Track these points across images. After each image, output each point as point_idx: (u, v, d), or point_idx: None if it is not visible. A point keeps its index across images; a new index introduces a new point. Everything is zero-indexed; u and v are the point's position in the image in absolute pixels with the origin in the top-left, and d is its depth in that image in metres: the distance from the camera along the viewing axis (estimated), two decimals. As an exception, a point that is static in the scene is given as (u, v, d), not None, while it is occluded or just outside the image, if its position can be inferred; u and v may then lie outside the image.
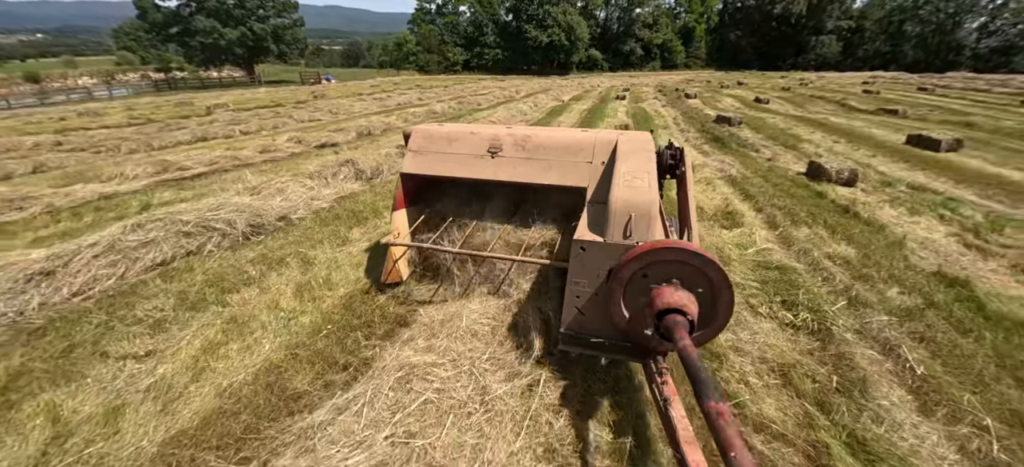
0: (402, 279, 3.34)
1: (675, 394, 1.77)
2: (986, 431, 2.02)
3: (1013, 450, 1.97)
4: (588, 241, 2.08)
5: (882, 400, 2.21)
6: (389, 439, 1.76)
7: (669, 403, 1.71)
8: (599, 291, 2.08)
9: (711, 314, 1.80)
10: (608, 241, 2.05)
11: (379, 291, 3.34)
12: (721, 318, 1.81)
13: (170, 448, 1.99)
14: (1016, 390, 2.32)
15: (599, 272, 2.06)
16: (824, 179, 6.51)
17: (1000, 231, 4.55)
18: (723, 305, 1.78)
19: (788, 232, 4.49)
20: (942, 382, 2.36)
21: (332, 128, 12.23)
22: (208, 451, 1.95)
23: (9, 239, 4.70)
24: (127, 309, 3.08)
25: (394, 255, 3.25)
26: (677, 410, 1.68)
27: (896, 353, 2.57)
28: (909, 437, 2.01)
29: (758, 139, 10.20)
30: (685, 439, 1.54)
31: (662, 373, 1.89)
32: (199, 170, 7.40)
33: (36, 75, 56.96)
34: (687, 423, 1.63)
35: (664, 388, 1.81)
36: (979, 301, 3.13)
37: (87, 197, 5.90)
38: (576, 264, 2.11)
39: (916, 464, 1.87)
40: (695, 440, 1.55)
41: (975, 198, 5.88)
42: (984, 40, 71.00)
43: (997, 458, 1.91)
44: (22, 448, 1.99)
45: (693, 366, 1.39)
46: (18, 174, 8.27)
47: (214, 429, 2.08)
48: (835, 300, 3.14)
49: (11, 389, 2.35)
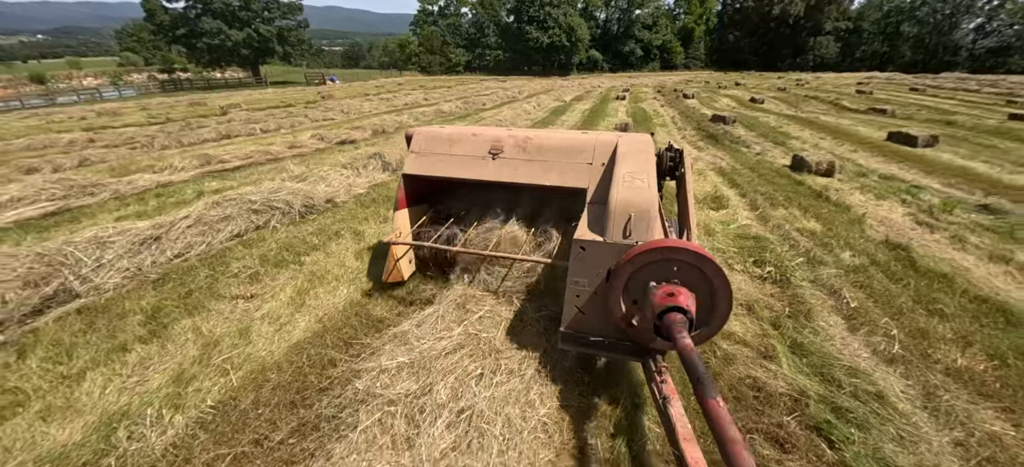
0: (403, 279, 3.38)
1: (674, 392, 1.79)
2: (893, 340, 2.75)
3: (909, 348, 2.70)
4: (588, 241, 2.12)
5: (820, 323, 2.94)
6: (462, 332, 2.50)
7: (668, 401, 1.73)
8: (599, 290, 2.11)
9: (710, 312, 1.85)
10: (608, 241, 2.08)
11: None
12: (720, 316, 1.85)
13: (295, 351, 2.72)
14: (924, 316, 3.04)
15: (599, 271, 2.09)
16: (805, 170, 7.23)
17: (950, 211, 5.27)
18: (722, 303, 1.81)
19: (766, 212, 5.23)
20: (870, 313, 3.09)
21: (348, 126, 12.96)
22: (326, 349, 2.69)
23: (91, 219, 5.42)
24: (223, 266, 3.81)
25: (395, 255, 3.28)
26: (676, 408, 1.70)
27: (838, 294, 3.29)
28: (836, 344, 2.74)
29: (750, 136, 10.94)
30: (684, 437, 1.55)
31: (661, 372, 1.91)
32: (237, 163, 8.14)
33: (42, 76, 57.69)
34: (686, 421, 1.65)
35: (663, 386, 1.83)
36: (914, 261, 3.86)
37: (147, 185, 6.63)
38: (576, 264, 2.15)
39: (837, 357, 2.60)
40: (694, 438, 1.57)
41: (937, 186, 6.60)
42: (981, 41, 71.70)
43: (896, 354, 2.63)
44: (186, 351, 2.72)
45: (693, 364, 1.42)
46: (66, 167, 8.98)
47: (324, 338, 2.81)
48: (797, 260, 3.86)
49: (157, 317, 3.08)
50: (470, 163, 3.13)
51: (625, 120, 14.09)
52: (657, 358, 2.00)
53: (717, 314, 1.84)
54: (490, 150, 3.12)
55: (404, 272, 3.38)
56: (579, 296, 2.16)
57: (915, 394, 2.35)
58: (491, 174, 3.06)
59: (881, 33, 76.12)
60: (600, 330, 2.17)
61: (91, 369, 2.57)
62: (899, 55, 73.34)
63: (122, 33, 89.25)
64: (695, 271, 1.79)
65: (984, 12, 71.71)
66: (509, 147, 3.11)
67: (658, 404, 1.81)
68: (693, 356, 1.46)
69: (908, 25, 73.80)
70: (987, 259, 3.94)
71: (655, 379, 1.89)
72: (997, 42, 70.13)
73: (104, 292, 3.35)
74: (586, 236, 2.15)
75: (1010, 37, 69.18)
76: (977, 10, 71.71)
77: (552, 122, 15.34)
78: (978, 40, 71.92)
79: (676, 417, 1.64)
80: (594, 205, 2.57)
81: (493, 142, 3.15)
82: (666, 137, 11.04)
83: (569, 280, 2.18)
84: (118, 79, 53.60)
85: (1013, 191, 6.28)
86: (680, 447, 1.51)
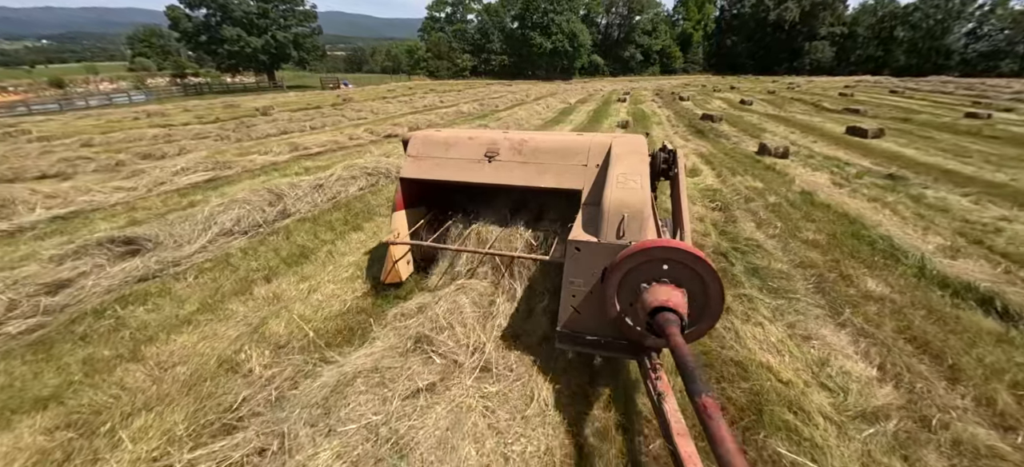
0: (401, 280, 3.49)
1: (668, 389, 1.83)
2: (777, 229, 4.81)
3: (785, 231, 4.78)
4: (583, 241, 2.16)
5: (740, 225, 5.01)
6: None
7: (663, 397, 1.76)
8: (594, 290, 2.15)
9: (702, 310, 1.88)
10: (602, 241, 2.12)
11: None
12: (712, 314, 1.88)
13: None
14: (802, 221, 5.11)
15: (594, 271, 2.14)
16: (766, 154, 9.28)
17: (861, 178, 7.31)
18: (713, 302, 1.84)
19: (727, 178, 7.29)
20: (771, 220, 5.15)
21: (389, 123, 15.05)
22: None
23: (238, 183, 7.47)
24: (363, 203, 5.88)
25: (394, 255, 3.37)
26: (670, 404, 1.73)
27: (759, 216, 5.34)
28: (746, 233, 4.80)
29: (732, 131, 13.00)
30: (677, 431, 1.59)
31: (656, 369, 1.95)
32: (317, 150, 10.23)
33: (60, 80, 60.18)
34: (680, 416, 1.68)
35: (658, 383, 1.86)
36: (813, 200, 5.92)
37: (263, 164, 8.72)
38: (571, 264, 2.19)
39: (743, 236, 4.65)
40: (687, 432, 1.60)
41: (865, 164, 8.62)
42: (973, 45, 73.57)
43: (775, 233, 4.69)
44: (367, 234, 4.77)
45: (684, 362, 1.46)
46: (170, 155, 11.07)
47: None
48: (737, 199, 5.91)
49: (347, 223, 5.12)
50: (466, 166, 3.21)
51: (625, 118, 16.16)
52: (652, 355, 2.05)
53: (709, 312, 1.88)
54: (486, 153, 3.18)
55: (402, 273, 3.49)
56: (575, 296, 2.22)
57: (779, 246, 4.43)
58: (487, 177, 3.13)
59: (876, 38, 78.05)
60: (596, 329, 2.23)
61: (339, 240, 4.67)
62: (894, 59, 75.05)
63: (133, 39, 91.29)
64: (688, 270, 1.83)
65: (975, 17, 73.60)
66: (505, 150, 3.17)
67: (653, 400, 1.85)
68: (684, 354, 1.50)
69: (902, 30, 75.68)
70: (864, 200, 5.99)
71: (650, 376, 1.94)
72: (988, 46, 71.75)
73: (307, 213, 5.43)
74: (581, 237, 2.20)
75: (1001, 41, 70.94)
76: (968, 15, 73.54)
77: (561, 121, 17.39)
78: (970, 45, 73.70)
79: (670, 413, 1.68)
80: (589, 206, 2.60)
81: (489, 145, 3.22)
82: (660, 132, 13.11)
83: (565, 280, 2.24)
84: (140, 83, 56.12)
85: (922, 167, 8.31)
86: (674, 442, 1.55)
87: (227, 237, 4.50)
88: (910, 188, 6.56)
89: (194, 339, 2.97)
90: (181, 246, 4.10)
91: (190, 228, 4.33)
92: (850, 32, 78.84)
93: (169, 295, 3.54)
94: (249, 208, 4.90)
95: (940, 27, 73.63)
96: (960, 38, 74.75)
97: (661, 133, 12.94)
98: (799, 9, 75.56)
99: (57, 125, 17.53)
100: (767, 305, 3.31)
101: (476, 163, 3.19)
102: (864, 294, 3.47)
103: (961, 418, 2.25)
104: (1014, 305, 3.13)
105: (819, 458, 2.00)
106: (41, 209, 5.59)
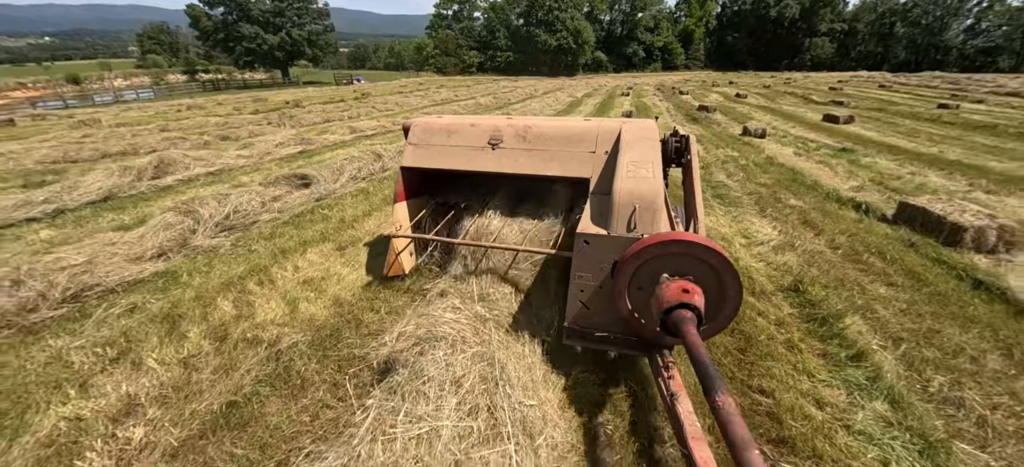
0: (404, 273, 3.40)
1: (682, 388, 1.77)
2: (741, 177, 6.72)
3: (745, 179, 6.70)
4: (591, 234, 2.10)
5: (715, 177, 6.94)
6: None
7: (676, 398, 1.70)
8: (603, 285, 2.09)
9: (718, 306, 1.80)
10: (612, 234, 2.06)
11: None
12: (729, 310, 1.80)
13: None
14: (761, 174, 7.03)
15: (603, 265, 2.08)
16: (747, 134, 11.18)
17: (818, 150, 9.19)
18: (731, 297, 1.77)
19: (711, 150, 9.20)
20: (739, 175, 7.06)
21: (418, 113, 16.96)
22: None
23: (321, 155, 9.39)
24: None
25: (396, 248, 3.29)
26: (684, 405, 1.67)
27: (728, 170, 7.26)
28: (719, 179, 6.72)
29: (723, 119, 14.88)
30: (692, 435, 1.52)
31: (668, 367, 1.89)
32: (372, 132, 12.17)
33: (76, 76, 62.29)
34: (694, 418, 1.62)
35: (670, 382, 1.80)
36: (772, 162, 7.84)
37: (334, 141, 10.64)
38: (579, 257, 2.13)
39: (718, 180, 6.57)
40: (703, 436, 1.54)
41: (829, 142, 10.49)
42: (971, 41, 74.56)
43: (738, 180, 6.61)
44: (455, 182, 6.71)
45: (701, 361, 1.38)
46: (242, 139, 13.00)
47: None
48: (717, 164, 7.81)
49: (428, 177, 7.06)
50: (469, 154, 3.13)
51: (629, 109, 18.03)
52: (664, 353, 1.99)
53: (725, 309, 1.80)
54: (489, 140, 3.10)
55: (405, 265, 3.42)
56: (583, 291, 2.16)
57: (738, 185, 6.37)
58: (491, 165, 3.05)
59: (875, 34, 79.08)
60: (605, 325, 2.18)
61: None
62: (893, 55, 75.96)
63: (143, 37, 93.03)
64: (703, 265, 1.76)
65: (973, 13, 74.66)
66: (509, 137, 3.08)
67: (665, 401, 1.78)
68: (701, 353, 1.41)
69: (901, 26, 76.78)
70: (813, 162, 7.90)
71: (662, 375, 1.88)
72: (986, 42, 72.62)
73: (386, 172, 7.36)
74: (589, 229, 2.14)
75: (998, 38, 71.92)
76: (966, 12, 74.58)
77: (571, 112, 19.24)
78: (968, 41, 74.71)
79: (684, 414, 1.62)
80: (597, 196, 2.52)
81: (492, 132, 3.13)
82: (661, 121, 15.00)
83: (573, 274, 2.18)
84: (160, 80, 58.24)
85: (874, 144, 10.17)
86: (688, 445, 1.48)
87: (354, 180, 6.45)
88: (852, 156, 8.46)
89: (374, 224, 4.94)
90: (332, 184, 6.05)
91: (330, 173, 6.27)
92: (850, 28, 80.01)
93: (343, 206, 5.50)
94: (361, 163, 6.84)
95: (938, 23, 74.61)
96: (958, 34, 75.61)
97: (661, 122, 14.83)
98: (799, 5, 76.90)
99: (111, 116, 19.47)
100: (723, 210, 5.28)
101: (479, 150, 3.13)
102: (785, 205, 5.42)
103: (811, 242, 4.24)
104: (874, 206, 5.07)
105: (734, 254, 3.96)
106: (197, 167, 7.54)
